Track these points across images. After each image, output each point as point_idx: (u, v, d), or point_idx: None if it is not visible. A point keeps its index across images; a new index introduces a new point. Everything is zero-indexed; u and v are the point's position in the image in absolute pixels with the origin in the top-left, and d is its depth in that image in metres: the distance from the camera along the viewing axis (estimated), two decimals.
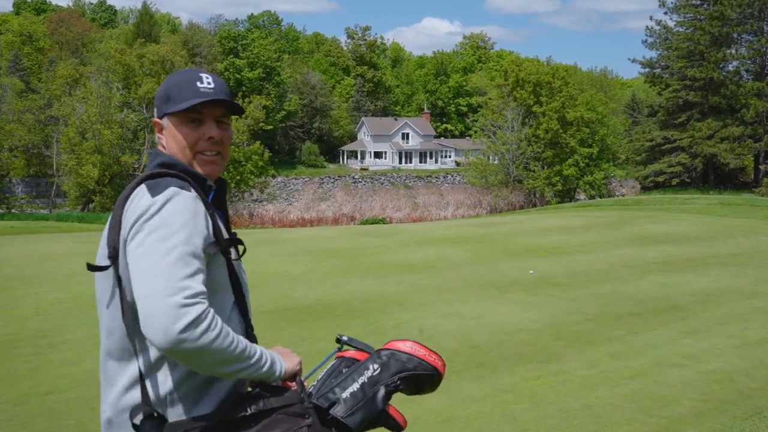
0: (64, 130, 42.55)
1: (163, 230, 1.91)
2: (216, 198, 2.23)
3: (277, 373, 2.07)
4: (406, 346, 2.19)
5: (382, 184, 73.32)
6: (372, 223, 34.35)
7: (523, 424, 5.08)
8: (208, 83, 2.15)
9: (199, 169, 2.15)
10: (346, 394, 2.11)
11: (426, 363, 2.17)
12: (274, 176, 63.70)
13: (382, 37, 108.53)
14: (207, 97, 2.11)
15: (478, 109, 58.62)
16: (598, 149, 54.17)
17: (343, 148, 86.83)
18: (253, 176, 44.56)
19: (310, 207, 50.35)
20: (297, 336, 7.88)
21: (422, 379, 2.18)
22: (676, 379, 6.06)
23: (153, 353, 2.00)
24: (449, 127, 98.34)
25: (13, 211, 39.98)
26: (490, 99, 56.38)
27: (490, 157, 53.20)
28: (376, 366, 2.15)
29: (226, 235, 2.13)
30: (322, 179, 74.28)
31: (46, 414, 5.68)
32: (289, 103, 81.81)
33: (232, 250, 2.15)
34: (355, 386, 2.11)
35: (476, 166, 52.81)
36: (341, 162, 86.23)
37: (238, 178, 43.47)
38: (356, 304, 9.67)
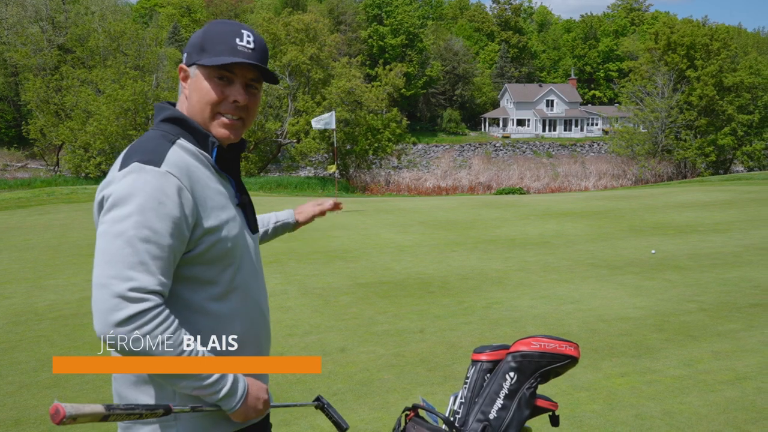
0: None
1: (117, 211, 1.77)
2: (227, 161, 2.03)
3: (233, 405, 1.86)
4: (534, 344, 2.16)
5: (524, 152, 71.31)
6: (508, 193, 33.52)
7: (589, 430, 4.56)
8: (248, 42, 1.95)
9: (214, 131, 1.97)
10: (492, 414, 2.11)
11: (559, 354, 2.15)
12: (414, 144, 63.45)
13: (529, 1, 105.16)
14: (242, 59, 1.92)
15: (628, 75, 55.37)
16: (760, 116, 49.68)
17: (485, 115, 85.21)
18: (390, 143, 44.51)
19: (447, 175, 49.69)
20: (380, 311, 7.65)
21: (560, 370, 2.18)
22: None
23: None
24: (597, 93, 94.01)
25: None
26: (639, 64, 52.98)
27: (637, 126, 50.15)
28: (512, 374, 2.14)
29: (235, 201, 2.01)
30: (463, 147, 73.23)
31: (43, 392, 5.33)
32: (431, 69, 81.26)
33: (240, 218, 2.02)
34: (499, 402, 2.12)
35: (622, 134, 50.02)
36: (483, 130, 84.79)
37: (376, 145, 43.67)
38: (453, 281, 9.30)
